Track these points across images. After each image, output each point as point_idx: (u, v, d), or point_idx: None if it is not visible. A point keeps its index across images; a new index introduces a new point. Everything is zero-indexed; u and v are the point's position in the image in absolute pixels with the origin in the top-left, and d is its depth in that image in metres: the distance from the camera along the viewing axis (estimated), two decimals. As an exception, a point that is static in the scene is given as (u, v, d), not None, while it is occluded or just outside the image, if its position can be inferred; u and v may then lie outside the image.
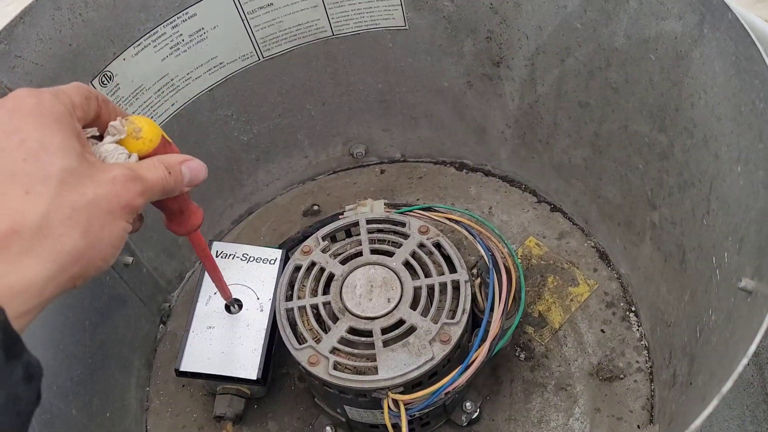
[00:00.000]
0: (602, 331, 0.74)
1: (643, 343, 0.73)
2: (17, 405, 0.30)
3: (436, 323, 0.60)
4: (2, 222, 0.32)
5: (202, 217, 0.51)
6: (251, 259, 0.73)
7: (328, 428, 0.70)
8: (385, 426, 0.65)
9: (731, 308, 0.45)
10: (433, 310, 0.61)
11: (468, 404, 0.70)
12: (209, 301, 0.70)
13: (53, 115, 0.36)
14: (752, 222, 0.43)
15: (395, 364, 0.58)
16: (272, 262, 0.73)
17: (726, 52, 0.47)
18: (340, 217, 0.71)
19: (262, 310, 0.70)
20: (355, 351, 0.60)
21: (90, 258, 0.35)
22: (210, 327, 0.69)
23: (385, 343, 0.59)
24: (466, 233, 0.68)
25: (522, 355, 0.74)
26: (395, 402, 0.59)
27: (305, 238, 0.69)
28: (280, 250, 0.74)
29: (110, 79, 0.63)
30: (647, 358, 0.71)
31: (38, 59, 0.56)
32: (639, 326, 0.73)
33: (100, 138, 0.41)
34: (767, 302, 0.34)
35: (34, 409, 0.32)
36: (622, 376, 0.71)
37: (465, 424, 0.70)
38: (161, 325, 0.81)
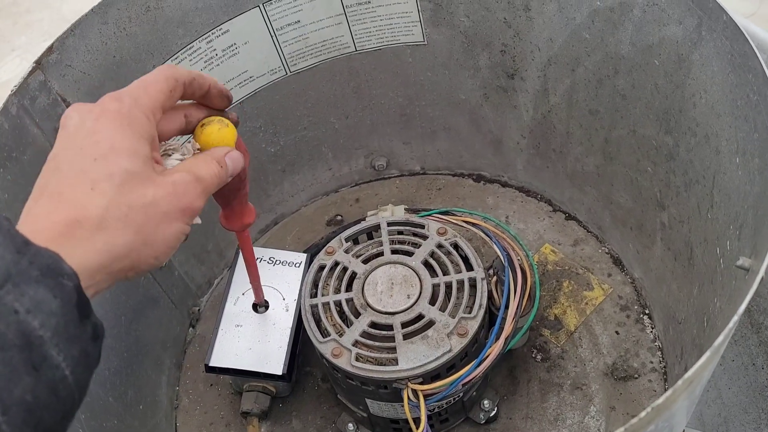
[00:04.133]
0: (617, 333, 0.76)
1: (656, 344, 0.74)
2: (87, 360, 0.33)
3: (454, 318, 0.62)
4: (69, 212, 0.36)
5: (255, 216, 0.56)
6: (277, 262, 0.76)
7: (350, 425, 0.73)
8: (406, 421, 0.68)
9: (732, 290, 0.47)
10: (450, 305, 0.64)
11: (486, 402, 0.72)
12: (237, 301, 0.74)
13: (129, 119, 0.40)
14: (750, 207, 0.46)
15: (415, 356, 0.61)
16: (297, 265, 0.76)
17: (723, 51, 0.50)
18: (362, 222, 0.74)
19: (287, 310, 0.73)
20: (377, 344, 0.62)
21: (141, 254, 0.38)
22: (238, 325, 0.72)
23: (405, 336, 0.62)
24: (483, 235, 0.71)
25: (538, 357, 0.76)
26: (415, 393, 0.62)
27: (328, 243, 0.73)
28: (305, 254, 0.77)
29: (149, 89, 0.68)
30: (661, 359, 0.73)
31: (86, 69, 0.61)
32: (652, 328, 0.75)
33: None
34: (757, 272, 0.37)
35: (96, 367, 0.35)
36: (636, 375, 0.73)
37: (483, 421, 0.72)
38: (191, 328, 0.84)
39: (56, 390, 0.31)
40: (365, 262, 0.68)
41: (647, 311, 0.77)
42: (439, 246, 0.68)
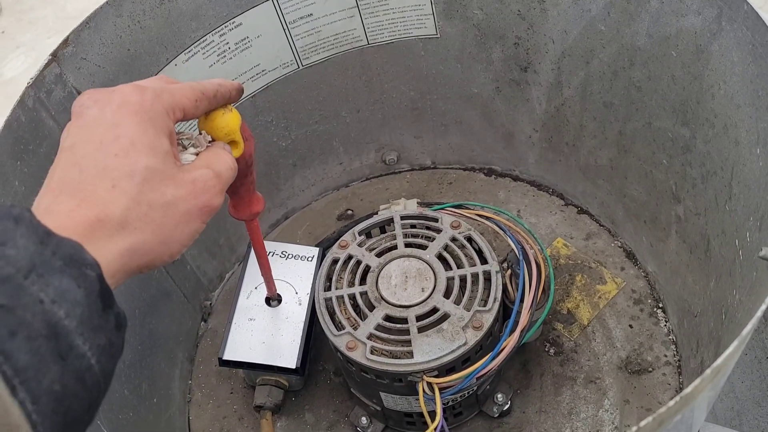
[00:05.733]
0: (630, 326, 0.76)
1: (670, 337, 0.74)
2: (112, 349, 0.33)
3: (469, 311, 0.62)
4: (91, 211, 0.35)
5: (264, 205, 0.55)
6: (290, 256, 0.76)
7: (363, 419, 0.73)
8: (419, 414, 0.68)
9: (753, 282, 0.47)
10: (465, 299, 0.64)
11: (499, 396, 0.72)
12: (250, 295, 0.74)
13: (150, 113, 0.39)
14: (772, 198, 0.46)
15: (430, 349, 0.61)
16: (310, 259, 0.76)
17: (743, 41, 0.50)
18: (374, 215, 0.74)
19: (300, 304, 0.73)
20: (391, 337, 0.62)
21: (158, 253, 0.38)
22: (251, 319, 0.72)
23: (420, 330, 0.62)
24: (497, 229, 0.71)
25: (551, 351, 0.76)
26: (430, 386, 0.62)
27: (341, 237, 0.72)
28: (317, 248, 0.77)
29: (163, 82, 0.68)
30: (675, 352, 0.73)
31: (100, 62, 0.61)
32: (666, 321, 0.75)
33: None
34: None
35: (120, 357, 0.35)
36: (650, 369, 0.73)
37: (496, 415, 0.72)
38: (203, 323, 0.84)
39: (83, 379, 0.31)
40: (379, 255, 0.68)
41: (661, 305, 0.76)
42: (453, 239, 0.68)
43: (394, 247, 0.68)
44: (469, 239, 0.68)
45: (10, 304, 0.28)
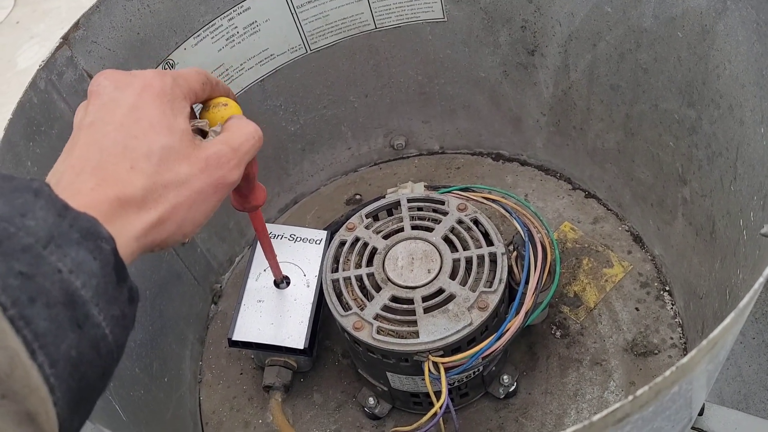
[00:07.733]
0: (636, 309, 0.76)
1: (677, 320, 0.74)
2: (125, 321, 0.34)
3: (474, 292, 0.63)
4: (112, 190, 0.36)
5: (266, 196, 0.56)
6: (298, 239, 0.77)
7: (370, 399, 0.73)
8: (426, 395, 0.68)
9: (756, 260, 0.47)
10: (471, 280, 0.64)
11: (505, 377, 0.72)
12: (259, 277, 0.75)
13: (169, 97, 0.41)
14: (775, 176, 0.46)
15: (435, 329, 0.61)
16: (318, 242, 0.77)
17: (748, 20, 0.50)
18: (382, 199, 0.74)
19: (308, 286, 0.74)
20: (398, 317, 0.63)
21: (172, 232, 0.39)
22: (260, 301, 0.73)
23: (426, 310, 0.63)
24: (503, 211, 0.71)
25: (558, 333, 0.76)
26: (435, 366, 0.62)
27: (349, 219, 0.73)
28: (325, 232, 0.78)
29: (172, 66, 0.69)
30: (681, 335, 0.73)
31: (111, 45, 0.62)
32: (673, 305, 0.75)
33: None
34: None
35: (132, 329, 0.36)
36: (656, 351, 0.73)
37: (502, 396, 0.72)
38: (212, 305, 0.85)
39: (98, 347, 0.32)
40: (386, 237, 0.68)
41: (667, 288, 0.77)
42: (459, 222, 0.68)
43: (401, 230, 0.69)
44: (476, 221, 0.68)
45: (30, 272, 0.29)
